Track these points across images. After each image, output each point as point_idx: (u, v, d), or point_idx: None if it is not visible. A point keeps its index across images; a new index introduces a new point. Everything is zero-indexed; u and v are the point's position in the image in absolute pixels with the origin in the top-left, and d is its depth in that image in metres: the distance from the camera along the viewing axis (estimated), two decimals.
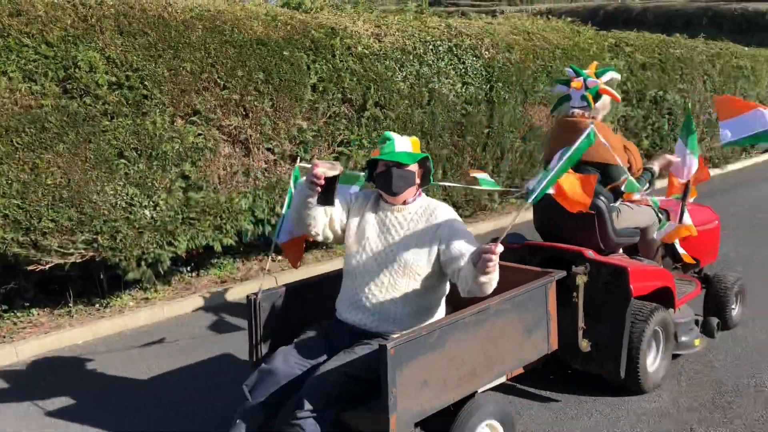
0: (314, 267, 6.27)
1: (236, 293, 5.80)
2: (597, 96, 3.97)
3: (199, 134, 5.26)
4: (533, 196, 2.90)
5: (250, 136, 5.51)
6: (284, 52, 5.61)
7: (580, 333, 3.64)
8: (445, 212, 3.09)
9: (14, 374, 4.48)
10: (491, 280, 2.70)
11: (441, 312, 3.16)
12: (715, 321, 4.39)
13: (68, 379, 4.38)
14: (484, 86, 7.38)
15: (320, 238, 3.13)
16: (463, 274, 2.81)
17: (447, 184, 5.99)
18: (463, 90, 7.16)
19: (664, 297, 3.94)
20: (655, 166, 4.19)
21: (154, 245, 5.20)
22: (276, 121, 5.63)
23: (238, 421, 2.86)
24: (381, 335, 2.97)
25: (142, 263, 5.25)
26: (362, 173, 3.66)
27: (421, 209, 3.10)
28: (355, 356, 2.84)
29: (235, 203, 5.53)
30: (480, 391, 2.99)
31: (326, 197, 2.90)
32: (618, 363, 3.66)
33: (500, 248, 2.59)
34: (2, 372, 4.51)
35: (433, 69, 6.83)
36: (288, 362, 2.94)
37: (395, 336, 2.85)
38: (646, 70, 9.58)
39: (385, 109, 6.38)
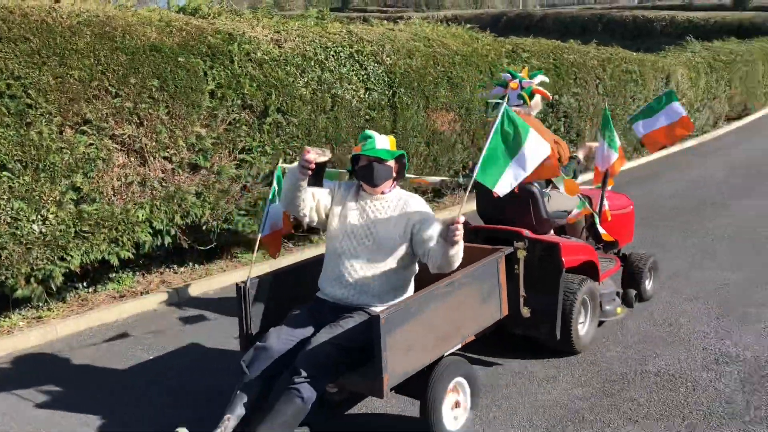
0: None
1: (135, 307, 5.61)
2: (531, 95, 4.51)
3: (91, 144, 5.06)
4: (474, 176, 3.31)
5: (146, 144, 5.35)
6: (179, 59, 5.49)
7: (522, 301, 4.11)
8: (417, 202, 3.57)
9: None
10: (458, 251, 3.21)
11: (411, 289, 3.62)
12: (633, 293, 5.10)
13: None
14: (387, 92, 7.46)
15: (307, 220, 3.52)
16: (433, 252, 3.32)
17: (413, 176, 5.90)
18: (366, 95, 7.22)
19: (590, 271, 4.55)
20: (580, 154, 4.89)
21: (45, 261, 4.96)
22: (173, 129, 5.49)
23: (238, 392, 3.23)
24: (361, 308, 3.41)
25: (32, 280, 5.00)
26: (343, 171, 4.35)
27: (396, 199, 3.55)
28: (341, 329, 3.27)
29: (131, 215, 5.35)
30: (446, 354, 3.45)
31: (316, 180, 3.36)
32: (554, 327, 4.20)
33: (462, 219, 3.17)
34: None
35: (335, 75, 6.85)
36: (280, 339, 3.32)
37: (374, 308, 3.36)
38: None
39: (287, 115, 6.35)
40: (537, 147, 3.34)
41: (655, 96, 12.63)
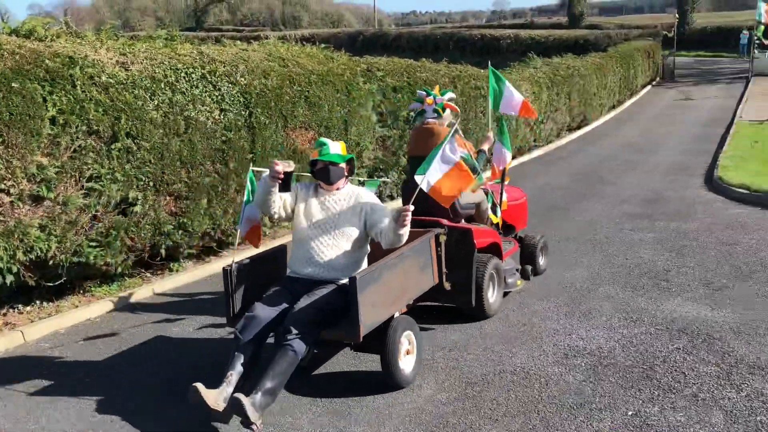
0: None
1: None
2: (443, 109, 5.56)
3: None
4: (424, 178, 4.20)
5: None
6: (13, 84, 5.13)
7: (444, 276, 4.96)
8: (365, 194, 4.48)
9: None
10: (406, 231, 4.09)
11: (365, 264, 4.47)
12: (529, 268, 6.22)
13: None
14: (243, 112, 7.38)
15: (276, 216, 4.34)
16: (385, 232, 4.19)
17: (363, 179, 6.04)
18: (222, 117, 7.10)
19: (495, 251, 5.61)
20: (485, 147, 5.85)
21: None
22: (9, 159, 5.12)
23: (235, 354, 3.91)
24: (330, 281, 4.23)
25: None
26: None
27: (349, 193, 4.43)
28: (318, 296, 4.08)
29: None
30: (396, 314, 4.31)
31: (285, 186, 4.18)
32: (470, 296, 5.17)
33: (412, 207, 4.02)
34: None
35: (187, 96, 6.69)
36: (265, 309, 4.05)
37: (341, 281, 4.21)
38: (397, 92, 10.27)
39: (137, 139, 6.10)
40: (454, 149, 4.30)
41: None
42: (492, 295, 5.48)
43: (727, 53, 41.31)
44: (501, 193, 6.00)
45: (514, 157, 14.75)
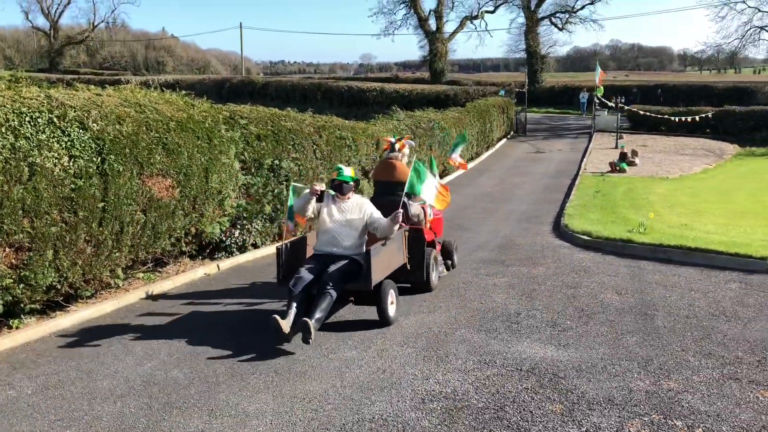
0: None
1: None
2: (399, 154, 8.08)
3: None
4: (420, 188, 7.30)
5: None
6: None
7: (406, 260, 7.18)
8: (367, 202, 6.88)
9: None
10: (396, 228, 6.56)
11: (364, 246, 6.75)
12: (449, 262, 8.80)
13: None
14: (95, 159, 7.06)
15: (308, 216, 6.62)
16: (380, 227, 6.61)
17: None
18: (71, 163, 6.75)
19: (433, 245, 8.04)
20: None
21: None
22: None
23: (291, 300, 6.03)
24: (345, 257, 6.48)
25: None
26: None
27: (356, 201, 6.82)
28: (341, 264, 6.34)
29: None
30: (384, 278, 6.56)
31: (320, 198, 6.53)
32: (422, 275, 7.56)
33: (400, 213, 6.50)
34: None
35: (32, 142, 6.31)
36: (307, 273, 6.24)
37: (354, 256, 6.51)
38: (261, 140, 10.25)
39: None
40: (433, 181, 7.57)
41: (367, 158, 13.74)
42: (433, 274, 7.83)
43: (573, 110, 45.01)
44: (425, 211, 8.01)
45: None
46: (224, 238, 9.67)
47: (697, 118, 30.91)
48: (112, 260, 7.58)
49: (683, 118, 31.61)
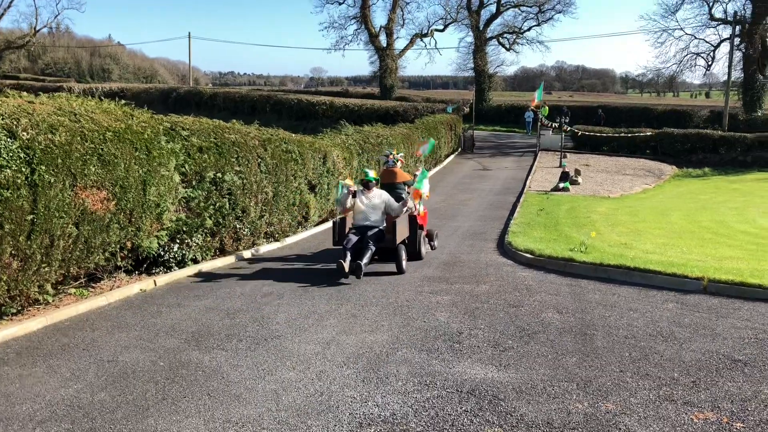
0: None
1: None
2: (396, 161, 11.78)
3: None
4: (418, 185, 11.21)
5: None
6: None
7: (406, 236, 10.60)
8: (384, 193, 10.47)
9: None
10: (404, 210, 10.59)
11: (384, 222, 10.23)
12: (432, 243, 12.01)
13: None
14: (24, 169, 6.74)
15: (348, 206, 10.19)
16: (394, 209, 10.35)
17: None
18: None
19: (421, 227, 11.19)
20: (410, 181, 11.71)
21: None
22: None
23: (345, 254, 9.40)
24: (375, 227, 10.04)
25: None
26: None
27: (377, 192, 10.38)
28: (373, 231, 9.96)
29: None
30: (399, 241, 10.16)
31: (354, 194, 10.21)
32: (415, 248, 10.78)
33: (410, 202, 11.00)
34: None
35: None
36: (353, 238, 9.76)
37: (380, 227, 10.15)
38: (203, 153, 10.01)
39: None
40: (426, 183, 11.40)
41: (314, 172, 13.59)
42: (423, 249, 11.09)
43: (519, 129, 45.81)
44: (416, 206, 11.24)
45: (326, 220, 14.99)
46: (162, 253, 9.37)
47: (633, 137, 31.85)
48: (40, 275, 7.23)
49: (626, 135, 32.57)
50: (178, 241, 9.67)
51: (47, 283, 7.47)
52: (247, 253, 11.33)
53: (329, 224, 15.16)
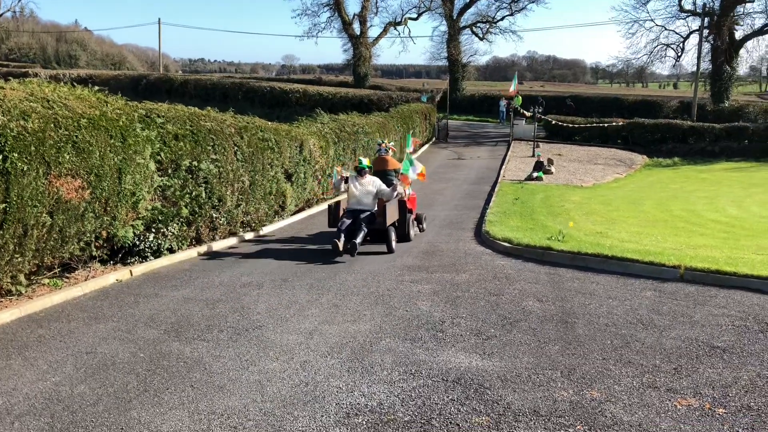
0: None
1: None
2: (387, 150, 12.94)
3: None
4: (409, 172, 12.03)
5: None
6: None
7: (396, 219, 11.52)
8: (376, 179, 11.47)
9: None
10: (394, 195, 11.46)
11: (376, 206, 11.12)
12: (421, 226, 12.76)
13: None
14: None
15: (341, 191, 11.41)
16: (385, 194, 11.23)
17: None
18: None
19: (410, 211, 12.08)
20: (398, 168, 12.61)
21: None
22: None
23: (340, 235, 10.15)
24: (367, 211, 10.96)
25: None
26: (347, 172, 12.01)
27: (370, 178, 11.36)
28: (365, 215, 10.88)
29: None
30: (389, 223, 11.12)
31: (346, 180, 11.19)
32: (405, 229, 11.69)
33: (399, 187, 11.74)
34: None
35: None
36: (346, 221, 10.64)
37: (372, 210, 11.07)
38: (179, 140, 9.84)
39: None
40: (417, 165, 12.31)
41: (290, 161, 13.47)
42: (411, 231, 11.90)
43: (492, 118, 45.97)
44: (404, 190, 12.02)
45: (303, 209, 14.90)
46: (138, 242, 9.21)
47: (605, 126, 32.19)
48: (13, 266, 7.05)
49: (598, 125, 32.92)
50: (153, 230, 9.51)
51: (20, 274, 7.29)
52: (224, 243, 11.19)
53: (305, 214, 15.07)
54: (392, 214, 11.26)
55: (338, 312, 7.11)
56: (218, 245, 10.99)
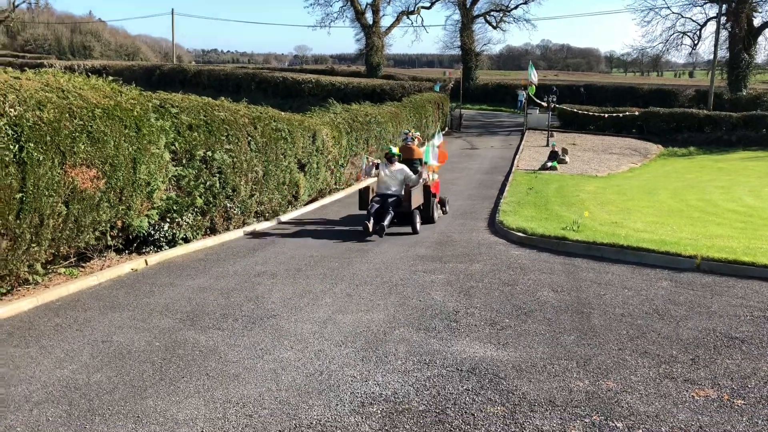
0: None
1: None
2: (413, 138, 14.14)
3: None
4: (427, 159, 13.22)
5: None
6: None
7: (421, 202, 12.51)
8: (404, 167, 12.36)
9: None
10: (420, 182, 12.45)
11: (403, 191, 12.11)
12: (444, 208, 13.70)
13: None
14: (12, 146, 6.58)
15: (373, 176, 12.32)
16: (412, 181, 12.22)
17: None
18: None
19: (434, 195, 12.92)
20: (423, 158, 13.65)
21: None
22: None
23: (370, 217, 11.13)
24: (395, 196, 11.98)
25: None
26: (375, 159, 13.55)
27: (398, 166, 12.30)
28: (393, 199, 11.88)
29: None
30: (413, 207, 12.02)
31: (377, 167, 12.28)
32: (428, 212, 12.71)
33: (425, 174, 12.60)
34: None
35: None
36: (375, 204, 11.65)
37: (399, 195, 12.06)
38: (193, 131, 9.85)
39: None
40: (435, 152, 13.45)
41: (303, 151, 13.47)
42: (435, 213, 12.90)
43: (506, 108, 45.73)
44: (429, 177, 12.84)
45: (316, 199, 14.91)
46: (153, 232, 9.26)
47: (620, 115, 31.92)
48: (30, 255, 7.11)
49: (613, 114, 32.66)
50: (168, 220, 9.55)
51: (37, 263, 7.35)
52: (238, 232, 11.23)
53: (317, 204, 15.07)
54: (417, 199, 12.08)
55: (352, 301, 7.11)
56: (232, 235, 11.02)
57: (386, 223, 11.20)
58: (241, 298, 7.26)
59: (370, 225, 10.95)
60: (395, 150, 12.47)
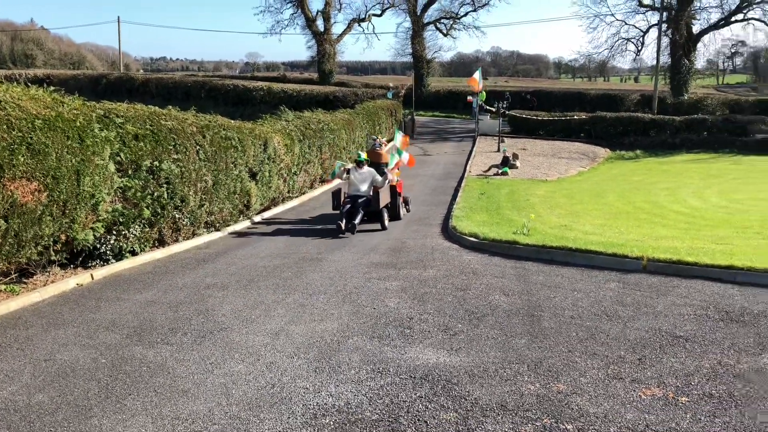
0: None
1: None
2: (381, 144, 15.31)
3: None
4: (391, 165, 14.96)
5: None
6: None
7: (388, 203, 13.72)
8: (372, 170, 13.76)
9: None
10: (386, 183, 13.82)
11: (371, 192, 13.45)
12: (407, 207, 15.12)
13: None
14: None
15: (344, 179, 13.84)
16: (379, 182, 13.56)
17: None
18: None
19: (399, 194, 14.40)
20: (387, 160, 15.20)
21: None
22: None
23: (343, 218, 12.50)
24: (364, 197, 13.30)
25: None
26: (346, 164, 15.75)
27: (367, 169, 13.73)
28: (362, 200, 13.25)
29: None
30: (381, 206, 13.30)
31: (348, 171, 13.74)
32: (396, 211, 14.11)
33: (389, 176, 14.18)
34: None
35: None
36: (347, 205, 13.02)
37: (367, 196, 13.36)
38: (139, 140, 9.64)
39: None
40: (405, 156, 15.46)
41: (255, 159, 13.32)
42: (401, 212, 14.20)
43: (458, 114, 46.17)
44: (395, 178, 14.45)
45: (269, 208, 14.75)
46: (98, 245, 9.01)
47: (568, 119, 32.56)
48: None
49: (562, 118, 33.28)
50: (114, 232, 9.31)
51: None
52: (187, 244, 11.02)
53: (270, 213, 14.92)
54: (384, 198, 13.42)
55: (305, 311, 7.04)
56: (181, 246, 10.81)
57: (357, 221, 12.53)
58: (191, 311, 7.12)
59: (343, 224, 12.23)
60: (363, 155, 13.92)
